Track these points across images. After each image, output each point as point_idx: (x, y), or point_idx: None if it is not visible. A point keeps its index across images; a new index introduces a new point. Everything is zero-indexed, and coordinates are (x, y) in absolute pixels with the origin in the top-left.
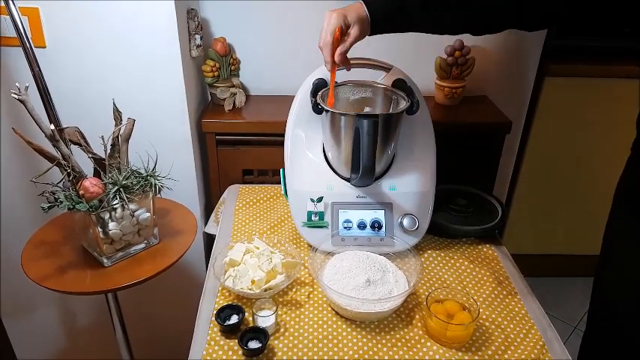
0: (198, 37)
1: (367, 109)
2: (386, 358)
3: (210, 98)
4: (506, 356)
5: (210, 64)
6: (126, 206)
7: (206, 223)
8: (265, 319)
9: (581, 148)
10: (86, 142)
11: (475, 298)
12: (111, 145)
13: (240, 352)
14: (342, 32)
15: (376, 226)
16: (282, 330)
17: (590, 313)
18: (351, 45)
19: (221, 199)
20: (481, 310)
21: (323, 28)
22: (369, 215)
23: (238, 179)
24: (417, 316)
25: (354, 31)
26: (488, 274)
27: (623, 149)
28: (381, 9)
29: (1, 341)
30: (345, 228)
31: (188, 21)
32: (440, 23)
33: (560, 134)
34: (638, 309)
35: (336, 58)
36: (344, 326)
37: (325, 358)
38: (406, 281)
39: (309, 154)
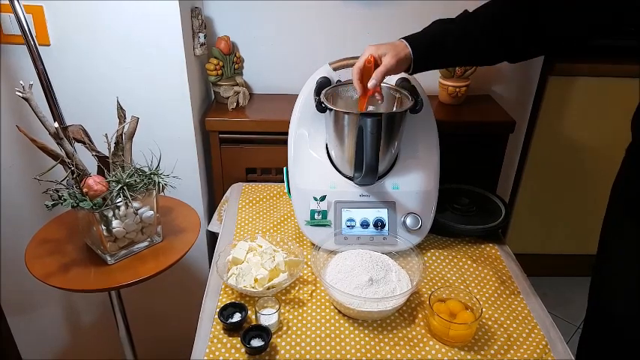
0: (201, 35)
1: (371, 108)
2: (388, 357)
3: (213, 97)
4: (508, 356)
5: (214, 63)
6: (129, 204)
7: (209, 222)
8: (268, 317)
9: (585, 148)
10: (90, 140)
11: (478, 297)
12: (115, 143)
13: (243, 349)
14: (376, 62)
15: (379, 224)
16: (284, 328)
17: (588, 313)
18: (382, 75)
19: (224, 198)
20: (484, 310)
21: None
22: (372, 214)
23: (241, 178)
24: (420, 315)
25: (386, 59)
26: (491, 273)
27: None
28: (423, 45)
29: (5, 339)
30: (348, 227)
31: (192, 19)
32: (477, 56)
33: (564, 133)
34: (633, 310)
35: (370, 84)
36: (346, 325)
37: (328, 356)
38: (409, 280)
39: (313, 153)
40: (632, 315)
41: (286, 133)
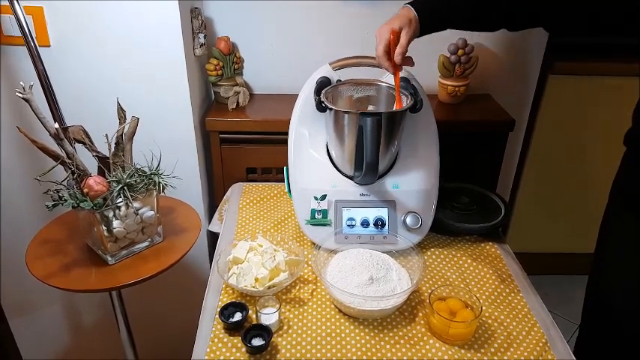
0: (201, 35)
1: (371, 108)
2: (389, 355)
3: (213, 97)
4: (508, 354)
5: (214, 63)
6: (130, 204)
7: (210, 222)
8: (269, 316)
9: (585, 147)
10: (90, 140)
11: (478, 295)
12: (115, 143)
13: (244, 349)
14: (396, 35)
15: (379, 224)
16: (285, 327)
17: (585, 308)
18: (407, 43)
19: (225, 198)
20: (484, 308)
21: (376, 44)
22: (372, 213)
23: (242, 177)
24: (420, 314)
25: (405, 32)
26: (491, 271)
27: None
28: (427, 8)
29: (6, 340)
30: (348, 226)
31: (192, 20)
32: (480, 17)
33: (563, 132)
34: (633, 304)
35: (396, 59)
36: (347, 324)
37: (328, 355)
38: (409, 279)
39: (313, 153)
40: (632, 310)
41: (287, 133)
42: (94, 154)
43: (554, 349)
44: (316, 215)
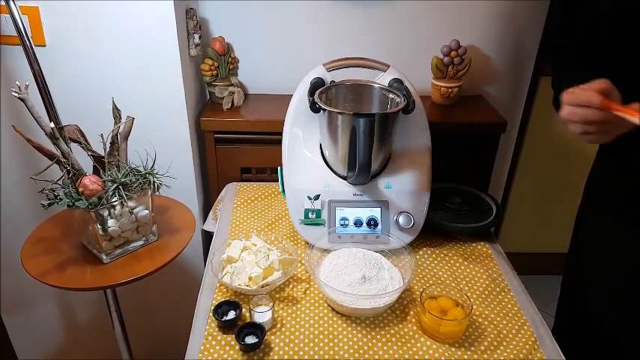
0: (196, 36)
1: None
2: (380, 353)
3: (208, 97)
4: (498, 352)
5: (209, 63)
6: (125, 203)
7: (204, 221)
8: (262, 314)
9: (577, 148)
10: (86, 140)
11: (469, 294)
12: (110, 143)
13: (237, 347)
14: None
15: (372, 223)
16: (278, 326)
17: (560, 306)
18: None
19: (219, 197)
20: (474, 307)
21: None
22: (365, 213)
23: (236, 177)
24: (412, 312)
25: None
26: (482, 271)
27: None
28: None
29: (1, 338)
30: (341, 225)
31: (187, 20)
32: None
33: (555, 134)
34: (606, 302)
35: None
36: (339, 322)
37: (321, 353)
38: (401, 278)
39: (307, 153)
40: (608, 301)
41: (281, 133)
42: (90, 153)
43: (543, 347)
44: (310, 215)
